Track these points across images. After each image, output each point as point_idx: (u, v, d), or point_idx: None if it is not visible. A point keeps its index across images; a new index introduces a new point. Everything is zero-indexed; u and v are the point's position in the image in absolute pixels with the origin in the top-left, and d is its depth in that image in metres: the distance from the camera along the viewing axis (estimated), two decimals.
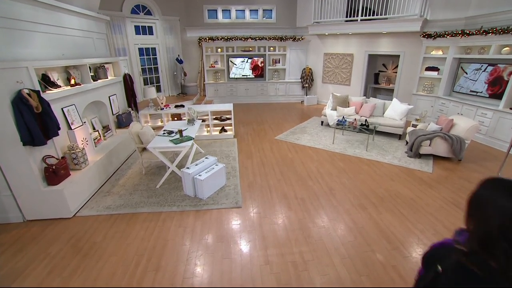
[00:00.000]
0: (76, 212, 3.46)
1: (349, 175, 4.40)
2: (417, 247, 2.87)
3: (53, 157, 3.31)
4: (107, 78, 5.05)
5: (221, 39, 9.38)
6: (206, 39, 9.36)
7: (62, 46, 4.11)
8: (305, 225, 3.22)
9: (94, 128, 4.71)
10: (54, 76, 3.74)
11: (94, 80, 4.60)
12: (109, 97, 5.04)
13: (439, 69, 6.79)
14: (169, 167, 4.16)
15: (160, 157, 3.97)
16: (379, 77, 9.73)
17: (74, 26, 4.39)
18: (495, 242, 0.74)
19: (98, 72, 4.81)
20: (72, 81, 3.97)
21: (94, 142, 4.43)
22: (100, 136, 4.70)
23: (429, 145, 4.92)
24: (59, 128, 3.34)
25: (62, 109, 3.67)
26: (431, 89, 7.08)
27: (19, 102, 2.84)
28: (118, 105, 5.38)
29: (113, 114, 5.17)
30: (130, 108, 5.74)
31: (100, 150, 4.39)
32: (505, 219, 0.72)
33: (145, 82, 8.76)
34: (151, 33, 8.57)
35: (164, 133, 4.43)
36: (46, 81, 3.51)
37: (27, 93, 2.91)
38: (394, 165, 4.80)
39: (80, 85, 4.10)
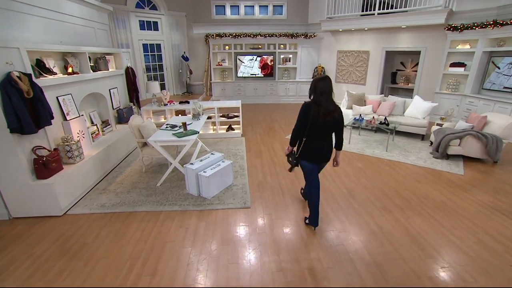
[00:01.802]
0: (67, 210, 3.25)
1: (368, 176, 4.17)
2: (458, 257, 2.53)
3: (44, 148, 3.12)
4: (108, 70, 4.90)
5: (229, 36, 9.27)
6: (213, 35, 9.26)
7: (61, 32, 3.97)
8: (323, 228, 2.94)
9: (92, 122, 4.54)
10: (50, 63, 3.58)
11: (93, 71, 4.45)
12: (109, 90, 4.89)
13: (465, 65, 6.45)
14: (171, 164, 3.94)
15: (161, 151, 3.76)
16: (397, 77, 9.43)
17: (74, 13, 4.27)
18: None
19: (98, 63, 4.67)
20: (70, 70, 3.81)
21: (92, 136, 4.25)
22: (98, 130, 4.52)
23: (459, 145, 4.58)
24: (52, 117, 3.16)
25: (57, 98, 3.49)
26: (456, 87, 6.73)
27: (8, 85, 2.66)
28: (119, 99, 5.22)
29: (113, 108, 5.01)
30: (131, 103, 5.59)
31: (98, 145, 4.21)
32: None
33: (149, 80, 8.65)
34: (156, 28, 8.50)
35: (167, 127, 4.24)
36: (41, 67, 3.35)
37: (17, 76, 2.73)
38: (419, 166, 4.52)
39: (78, 74, 3.94)
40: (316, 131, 2.57)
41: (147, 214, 3.20)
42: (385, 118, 5.66)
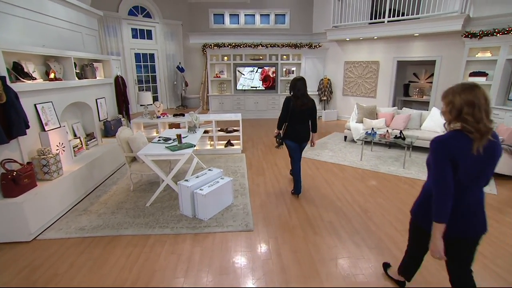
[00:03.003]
0: (38, 235, 3.02)
1: (385, 195, 4.04)
2: None
3: (15, 161, 2.95)
4: (96, 78, 4.83)
5: (227, 46, 9.37)
6: (211, 45, 9.35)
7: (44, 36, 3.92)
8: (338, 254, 2.74)
9: (75, 135, 4.40)
10: (30, 67, 3.48)
11: (79, 78, 4.37)
12: (96, 100, 4.79)
13: (487, 74, 6.41)
14: (163, 181, 3.77)
15: (152, 167, 3.60)
16: (410, 89, 9.43)
17: (59, 16, 4.25)
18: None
19: (85, 70, 4.60)
20: (52, 75, 3.71)
21: (74, 150, 4.10)
22: (82, 144, 4.38)
23: None
24: (27, 126, 3.02)
25: (35, 105, 3.37)
26: None
27: None
28: (107, 111, 5.12)
29: (100, 120, 4.90)
30: (120, 115, 5.49)
31: (80, 160, 4.04)
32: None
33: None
34: (149, 37, 8.60)
35: (159, 140, 4.10)
36: (18, 71, 3.25)
37: None
38: None
39: (61, 80, 3.85)
40: (295, 118, 3.65)
41: (133, 238, 2.99)
42: (401, 132, 5.55)
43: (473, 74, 6.59)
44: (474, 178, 1.57)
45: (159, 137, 4.25)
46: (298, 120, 3.65)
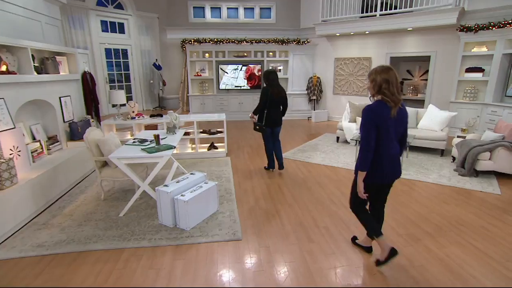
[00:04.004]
0: None
1: None
2: None
3: None
4: (59, 73, 4.62)
5: (209, 42, 9.29)
6: (191, 41, 9.24)
7: None
8: (336, 262, 2.67)
9: (34, 138, 4.16)
10: None
11: (38, 73, 4.15)
12: (60, 98, 4.58)
13: (483, 70, 6.59)
14: (139, 187, 3.60)
15: (127, 171, 3.44)
16: (403, 87, 9.62)
17: (12, 1, 4.02)
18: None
19: (45, 64, 4.37)
20: (3, 68, 3.49)
21: (32, 155, 3.86)
22: (42, 148, 4.14)
23: (489, 159, 4.48)
24: None
25: None
26: (474, 95, 6.82)
27: None
28: (73, 111, 4.91)
29: (64, 122, 4.70)
30: (89, 116, 5.29)
31: (40, 167, 3.81)
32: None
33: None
34: (122, 31, 8.38)
35: (134, 142, 3.93)
36: None
37: None
38: (443, 185, 4.46)
39: (15, 74, 3.62)
40: (272, 105, 4.56)
41: (104, 253, 2.80)
42: None
43: (469, 69, 6.77)
44: (393, 136, 2.32)
45: (134, 139, 4.08)
46: (274, 106, 4.59)
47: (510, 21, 5.89)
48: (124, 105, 5.69)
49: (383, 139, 2.26)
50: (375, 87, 2.23)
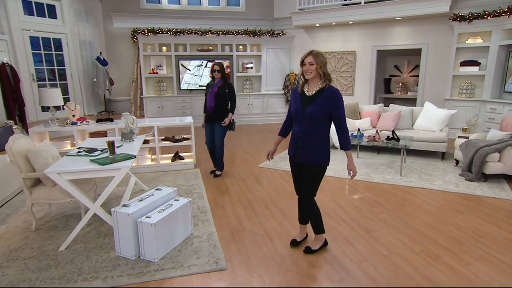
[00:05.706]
0: None
1: (387, 209, 4.15)
2: None
3: None
4: None
5: (167, 33, 9.12)
6: (144, 31, 9.01)
7: None
8: None
9: None
10: None
11: None
12: None
13: (480, 63, 6.91)
14: (88, 210, 3.29)
15: (71, 190, 3.12)
16: (391, 84, 9.93)
17: None
18: None
19: None
20: None
21: None
22: None
23: (499, 161, 4.63)
24: None
25: None
26: (470, 92, 7.14)
27: None
28: None
29: None
30: (11, 121, 4.88)
31: None
32: None
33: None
34: (53, 15, 7.95)
35: (80, 152, 3.60)
36: None
37: None
38: (451, 192, 4.59)
39: None
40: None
41: None
42: (393, 132, 5.66)
43: (464, 63, 7.10)
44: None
45: (79, 148, 3.76)
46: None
47: (506, 10, 6.24)
48: (59, 107, 5.27)
49: None
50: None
